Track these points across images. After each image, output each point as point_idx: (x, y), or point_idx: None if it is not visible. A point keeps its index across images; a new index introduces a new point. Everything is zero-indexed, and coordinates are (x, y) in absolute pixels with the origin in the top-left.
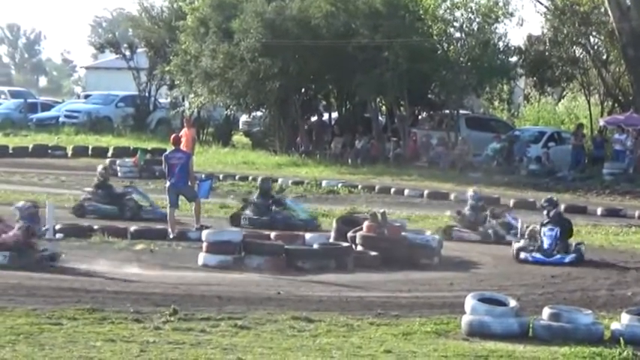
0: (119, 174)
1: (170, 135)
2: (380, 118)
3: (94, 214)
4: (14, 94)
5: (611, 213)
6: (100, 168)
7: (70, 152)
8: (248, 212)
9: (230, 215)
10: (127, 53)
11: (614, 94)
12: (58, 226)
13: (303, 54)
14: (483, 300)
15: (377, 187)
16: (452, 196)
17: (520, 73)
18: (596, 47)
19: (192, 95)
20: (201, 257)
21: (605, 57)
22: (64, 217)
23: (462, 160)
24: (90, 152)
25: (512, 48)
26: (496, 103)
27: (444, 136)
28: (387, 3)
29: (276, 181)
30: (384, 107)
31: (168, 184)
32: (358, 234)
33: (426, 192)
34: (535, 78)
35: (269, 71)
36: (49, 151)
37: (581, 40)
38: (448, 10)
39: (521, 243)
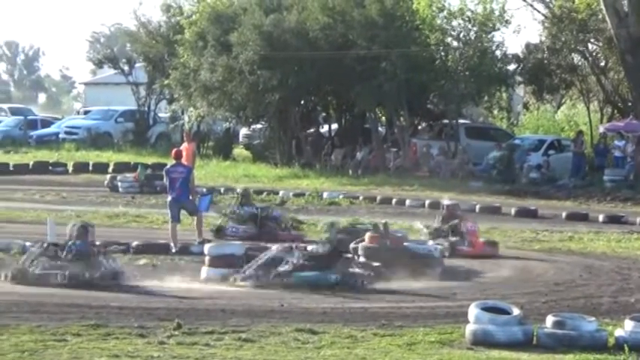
0: (120, 189)
1: (170, 149)
2: (380, 128)
3: None
4: (14, 112)
5: (613, 220)
6: None
7: (70, 168)
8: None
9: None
10: (126, 68)
11: (613, 100)
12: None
13: (301, 66)
14: (487, 309)
15: (378, 198)
16: None
17: (519, 81)
18: (594, 54)
19: (191, 109)
20: (204, 271)
21: (603, 64)
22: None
23: (463, 169)
24: (90, 168)
25: (510, 56)
26: (495, 112)
27: (444, 145)
28: (383, 14)
29: (277, 193)
30: (383, 118)
31: (169, 198)
32: (360, 245)
33: (427, 202)
34: (534, 86)
35: (268, 83)
36: (50, 167)
37: (579, 47)
38: (445, 20)
39: None
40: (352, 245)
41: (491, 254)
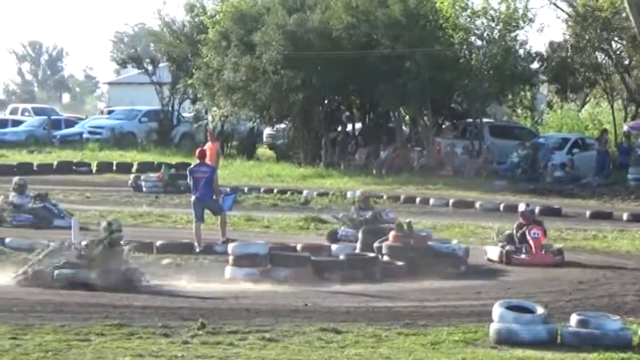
0: (144, 189)
1: (194, 149)
2: (404, 127)
3: None
4: (37, 112)
5: (637, 218)
6: None
7: (94, 168)
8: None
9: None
10: (150, 68)
11: (637, 99)
12: (84, 243)
13: (325, 65)
14: (511, 308)
15: (402, 197)
16: (477, 205)
17: (542, 79)
18: (618, 52)
19: (215, 109)
20: (228, 270)
21: (627, 62)
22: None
23: (487, 168)
24: (114, 168)
25: (534, 54)
26: (519, 111)
27: (468, 144)
28: (406, 13)
29: (301, 192)
30: (407, 117)
31: (193, 198)
32: (384, 244)
33: (451, 201)
34: (557, 84)
35: (292, 83)
36: (74, 167)
37: (603, 45)
38: (468, 19)
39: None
40: (376, 244)
41: (553, 263)
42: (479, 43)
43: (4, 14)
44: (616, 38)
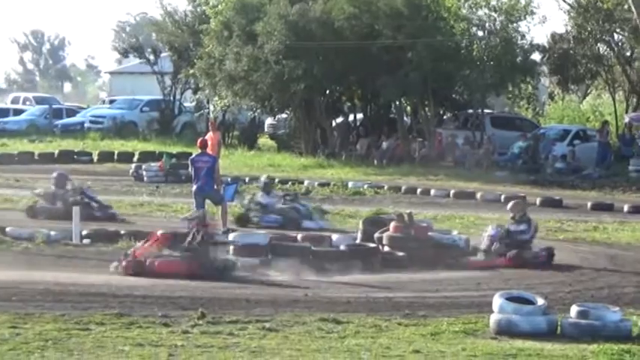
0: (145, 179)
1: (195, 139)
2: (405, 118)
3: None
4: (39, 101)
5: (638, 210)
6: None
7: (95, 157)
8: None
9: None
10: (151, 58)
11: (638, 90)
12: (84, 232)
13: (327, 56)
14: (511, 299)
15: (403, 188)
16: (478, 196)
17: (543, 71)
18: (620, 44)
19: (216, 98)
20: None
21: (629, 53)
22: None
23: (488, 159)
24: (115, 157)
25: (535, 45)
26: (521, 102)
27: (470, 135)
28: (408, 3)
29: (302, 183)
30: (408, 107)
31: (194, 187)
32: (385, 235)
33: (452, 192)
34: (559, 76)
35: (293, 73)
36: (75, 156)
37: (605, 37)
38: (470, 9)
39: None
40: (377, 235)
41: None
42: (480, 33)
43: (6, 3)
44: (618, 30)
